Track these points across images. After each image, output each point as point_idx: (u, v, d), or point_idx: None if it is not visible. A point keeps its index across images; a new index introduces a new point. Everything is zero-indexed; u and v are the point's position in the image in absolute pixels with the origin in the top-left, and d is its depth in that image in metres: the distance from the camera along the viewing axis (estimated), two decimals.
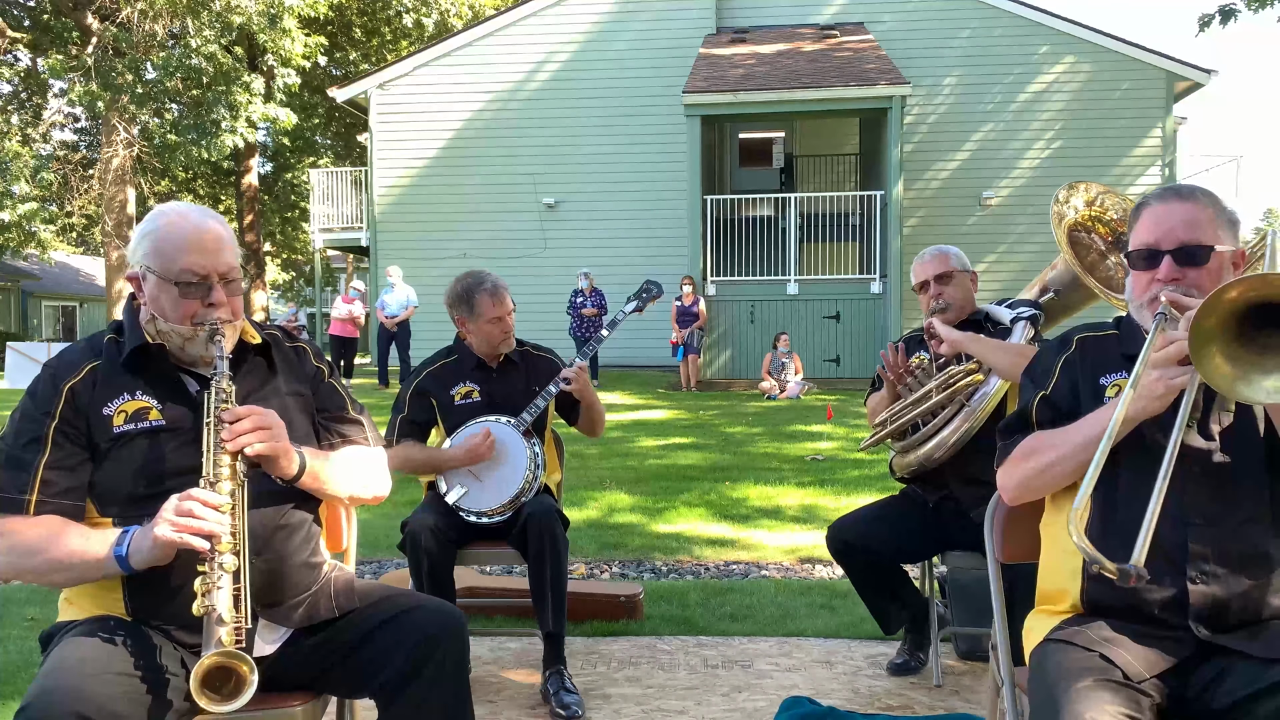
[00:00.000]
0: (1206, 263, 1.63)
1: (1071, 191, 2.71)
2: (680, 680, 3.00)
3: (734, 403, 11.47)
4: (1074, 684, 1.46)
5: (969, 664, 3.13)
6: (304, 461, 1.74)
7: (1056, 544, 1.74)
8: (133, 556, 1.58)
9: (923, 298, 2.94)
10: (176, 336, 1.73)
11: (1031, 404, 1.76)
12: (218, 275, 1.72)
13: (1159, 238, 1.66)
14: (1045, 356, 1.83)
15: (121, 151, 18.50)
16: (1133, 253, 1.71)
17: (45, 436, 1.66)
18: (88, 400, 1.70)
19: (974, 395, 2.69)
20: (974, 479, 2.70)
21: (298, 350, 1.94)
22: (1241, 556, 1.55)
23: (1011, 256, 15.14)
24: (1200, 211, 1.65)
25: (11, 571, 1.64)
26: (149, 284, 1.73)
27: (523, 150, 16.04)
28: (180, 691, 1.61)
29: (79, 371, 1.72)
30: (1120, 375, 1.71)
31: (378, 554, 4.67)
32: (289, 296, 35.00)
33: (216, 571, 1.53)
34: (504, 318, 3.08)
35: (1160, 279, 1.65)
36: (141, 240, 1.74)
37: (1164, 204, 1.68)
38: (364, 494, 1.91)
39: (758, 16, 16.49)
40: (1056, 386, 1.76)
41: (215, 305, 1.71)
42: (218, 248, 1.73)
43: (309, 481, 1.76)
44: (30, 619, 3.69)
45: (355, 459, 1.90)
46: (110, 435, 1.69)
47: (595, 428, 3.24)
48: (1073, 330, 1.84)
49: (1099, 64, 15.38)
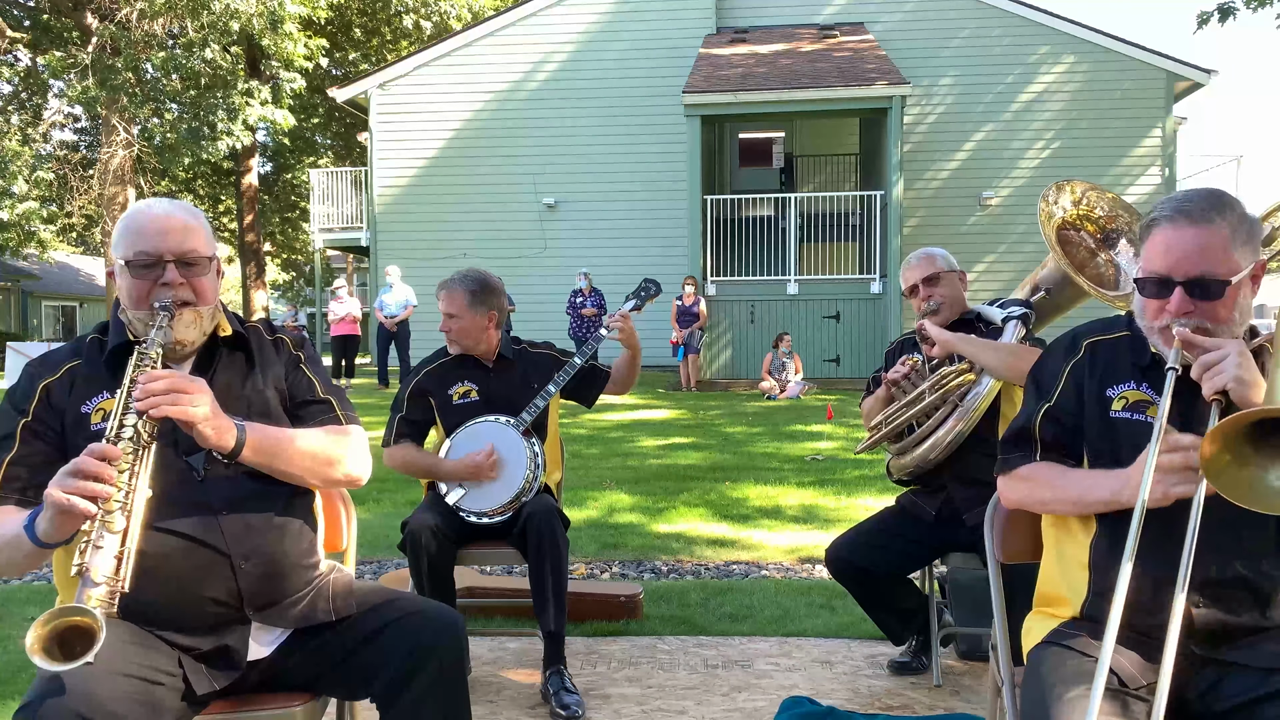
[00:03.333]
0: (1220, 296, 1.55)
1: (1059, 191, 2.72)
2: (680, 680, 3.00)
3: (734, 403, 11.47)
4: (1068, 690, 1.45)
5: (969, 664, 3.13)
6: (242, 436, 1.66)
7: (1059, 552, 1.73)
8: (40, 525, 1.51)
9: (913, 301, 2.95)
10: (139, 323, 1.73)
11: (1035, 418, 1.72)
12: (172, 255, 1.71)
13: (1169, 267, 1.56)
14: (1052, 359, 1.77)
15: (121, 152, 18.49)
16: (1141, 280, 1.61)
17: (14, 433, 1.68)
18: (64, 399, 1.71)
19: (967, 395, 2.70)
20: (971, 479, 2.71)
21: (276, 342, 1.92)
22: (1244, 582, 1.54)
23: (1011, 256, 15.14)
24: (1214, 236, 1.54)
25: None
26: (119, 275, 1.75)
27: (523, 150, 16.04)
28: (178, 691, 1.61)
29: (57, 371, 1.74)
30: (1128, 386, 1.65)
31: (378, 554, 4.67)
32: (289, 297, 35.01)
33: (98, 530, 1.45)
34: (445, 317, 3.05)
35: (1171, 312, 1.56)
36: (116, 234, 1.77)
37: (1175, 229, 1.56)
38: (333, 473, 1.81)
39: (758, 16, 16.49)
40: (1062, 395, 1.70)
41: (168, 284, 1.70)
42: (168, 229, 1.72)
43: (250, 456, 1.68)
44: (30, 619, 3.68)
45: (317, 437, 1.81)
46: (88, 433, 1.68)
47: (630, 381, 3.25)
48: (1082, 332, 1.77)
49: (1098, 64, 15.38)
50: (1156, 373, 1.63)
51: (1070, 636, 1.60)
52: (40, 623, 1.36)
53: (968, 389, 2.69)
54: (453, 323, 3.05)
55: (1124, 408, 1.64)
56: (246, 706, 1.72)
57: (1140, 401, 1.64)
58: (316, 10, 18.63)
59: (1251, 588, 1.54)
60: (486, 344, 3.09)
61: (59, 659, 1.35)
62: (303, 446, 1.76)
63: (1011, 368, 2.62)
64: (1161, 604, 1.51)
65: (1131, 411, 1.63)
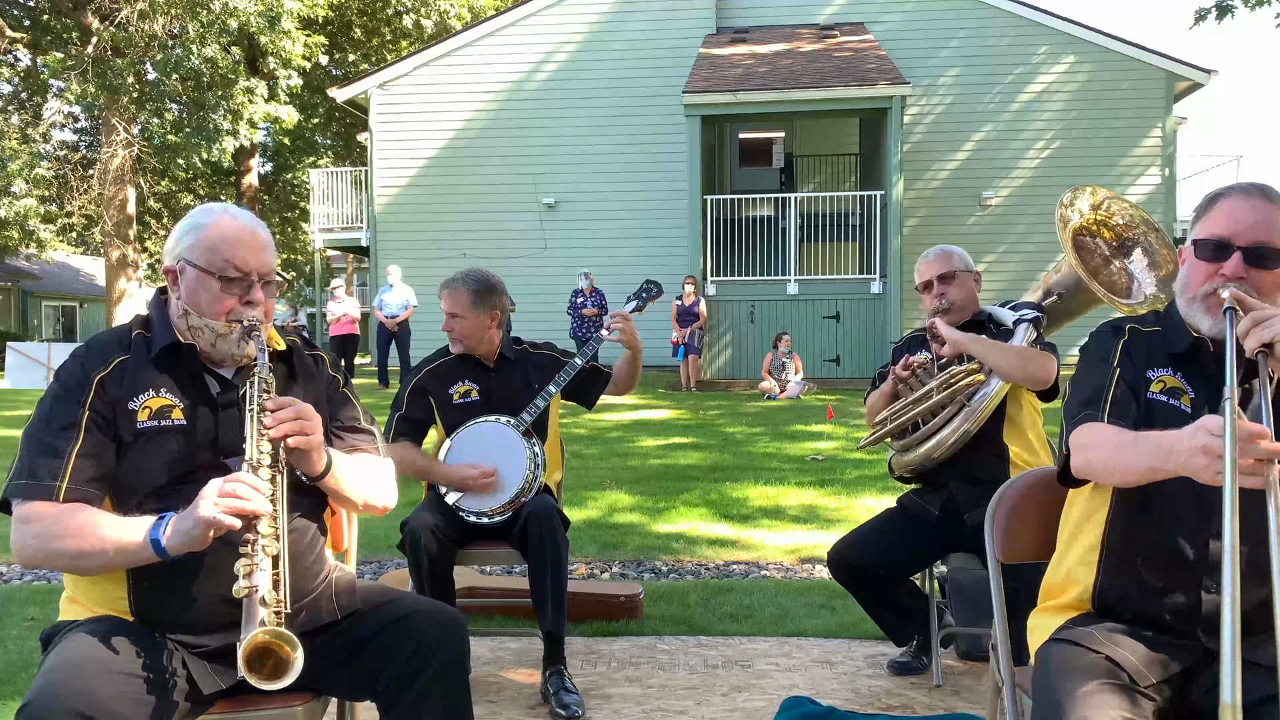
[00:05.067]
0: (1276, 268, 1.59)
1: (1077, 195, 2.71)
2: (680, 680, 3.00)
3: (734, 403, 11.47)
4: (1078, 686, 1.45)
5: (969, 664, 3.13)
6: (331, 460, 1.74)
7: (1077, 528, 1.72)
8: (169, 539, 1.55)
9: (926, 297, 2.94)
10: (209, 332, 1.73)
11: (1110, 380, 1.68)
12: (259, 275, 1.74)
13: (1234, 232, 1.60)
14: (1101, 340, 1.77)
15: (121, 152, 18.49)
16: (1200, 241, 1.64)
17: (78, 423, 1.66)
18: (115, 393, 1.71)
19: (974, 396, 2.69)
20: (973, 478, 2.70)
21: (316, 359, 1.95)
22: (1258, 569, 1.53)
23: (1011, 256, 15.15)
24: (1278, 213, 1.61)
25: (41, 556, 1.61)
26: (187, 277, 1.74)
27: (523, 150, 16.04)
28: (182, 692, 1.61)
29: (107, 365, 1.73)
30: (1166, 372, 1.67)
31: (378, 554, 4.67)
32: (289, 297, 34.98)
33: (258, 554, 1.51)
34: (448, 316, 3.05)
35: (1225, 274, 1.59)
36: (186, 234, 1.76)
37: (1246, 199, 1.62)
38: (375, 503, 1.91)
39: (758, 16, 16.49)
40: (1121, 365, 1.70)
41: (253, 304, 1.73)
42: (263, 248, 1.76)
43: (331, 482, 1.76)
44: (30, 619, 3.69)
45: (370, 467, 1.89)
46: (134, 430, 1.69)
47: (632, 381, 3.23)
48: (1121, 321, 1.79)
49: (1099, 64, 15.38)
50: (1190, 362, 1.66)
51: (1078, 633, 1.60)
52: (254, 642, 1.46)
53: (976, 389, 2.69)
54: (456, 322, 3.05)
55: (1160, 390, 1.66)
56: (247, 706, 1.72)
57: (1175, 388, 1.66)
58: (316, 8, 18.62)
59: (1265, 580, 1.54)
60: (489, 344, 3.09)
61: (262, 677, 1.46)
62: (362, 475, 1.84)
63: (1021, 370, 2.62)
64: (1174, 586, 1.51)
65: (1168, 396, 1.65)
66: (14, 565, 4.62)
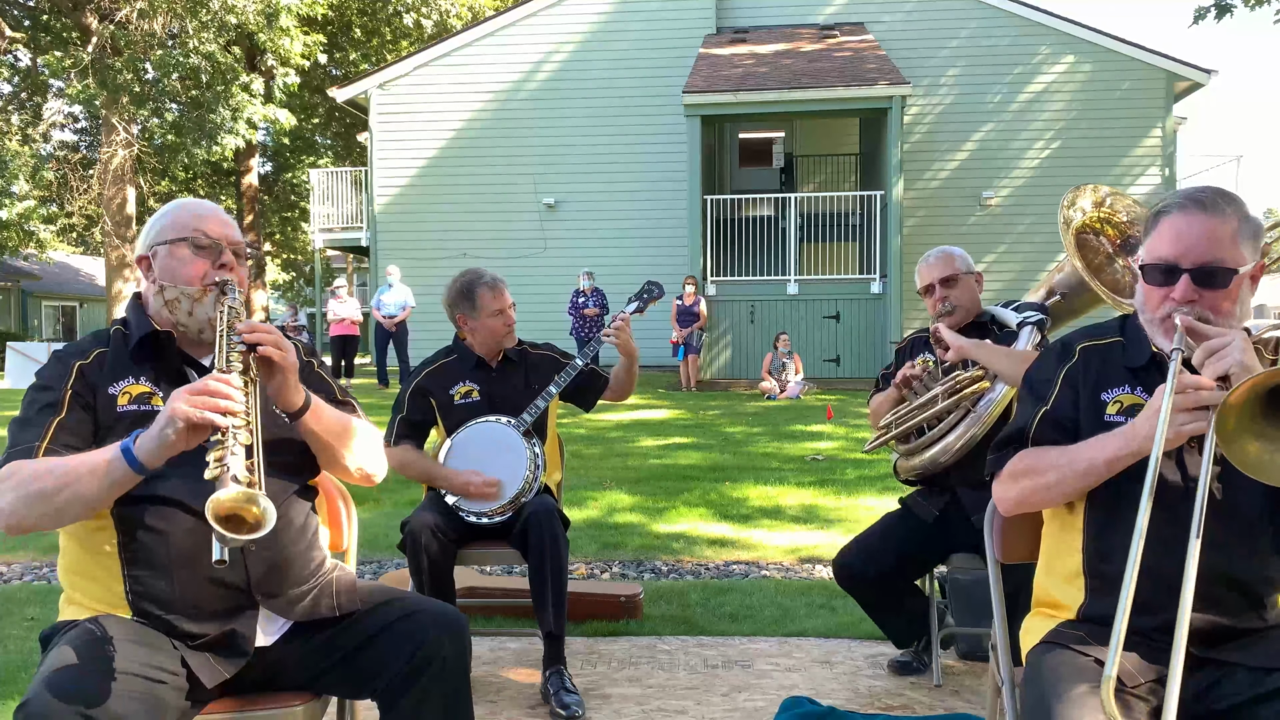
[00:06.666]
0: (1226, 286, 1.54)
1: (1079, 193, 2.70)
2: (680, 680, 3.00)
3: (734, 403, 11.47)
4: (1068, 689, 1.45)
5: (969, 664, 3.13)
6: (309, 397, 1.73)
7: (1056, 555, 1.73)
8: (140, 448, 1.51)
9: (928, 300, 2.93)
10: (186, 300, 1.75)
11: (1032, 421, 1.69)
12: (228, 244, 1.79)
13: (1178, 254, 1.55)
14: (1045, 365, 1.75)
15: (121, 152, 18.49)
16: (1148, 266, 1.59)
17: (60, 401, 1.69)
18: (95, 379, 1.73)
19: (980, 401, 2.68)
20: (979, 483, 2.69)
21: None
22: (1239, 583, 1.53)
23: (1011, 256, 15.15)
24: (1223, 226, 1.54)
25: (23, 507, 1.55)
26: (159, 258, 1.78)
27: (523, 150, 16.04)
28: (182, 690, 1.61)
29: (88, 355, 1.76)
30: (1123, 390, 1.64)
31: (378, 554, 4.67)
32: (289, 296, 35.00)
33: (231, 441, 1.46)
34: (505, 310, 3.11)
35: (1175, 299, 1.55)
36: (154, 225, 1.82)
37: (1185, 216, 1.56)
38: (365, 465, 1.86)
39: (758, 16, 16.49)
40: (1058, 400, 1.68)
41: (225, 267, 1.77)
42: (228, 223, 1.83)
43: (311, 423, 1.74)
44: (30, 619, 3.69)
45: (357, 425, 1.86)
46: (115, 414, 1.71)
47: (629, 389, 3.27)
48: (1074, 337, 1.76)
49: (1099, 64, 15.38)
50: (1149, 375, 1.63)
51: (1070, 637, 1.60)
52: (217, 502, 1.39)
53: (981, 395, 2.68)
54: (513, 313, 3.16)
55: (1119, 411, 1.63)
56: (248, 706, 1.72)
57: (1134, 405, 1.62)
58: (315, 7, 18.61)
59: (1246, 590, 1.54)
60: (512, 340, 3.15)
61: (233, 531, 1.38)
62: (347, 428, 1.83)
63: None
64: (1162, 604, 1.51)
65: (1126, 415, 1.61)
66: (14, 565, 4.63)
